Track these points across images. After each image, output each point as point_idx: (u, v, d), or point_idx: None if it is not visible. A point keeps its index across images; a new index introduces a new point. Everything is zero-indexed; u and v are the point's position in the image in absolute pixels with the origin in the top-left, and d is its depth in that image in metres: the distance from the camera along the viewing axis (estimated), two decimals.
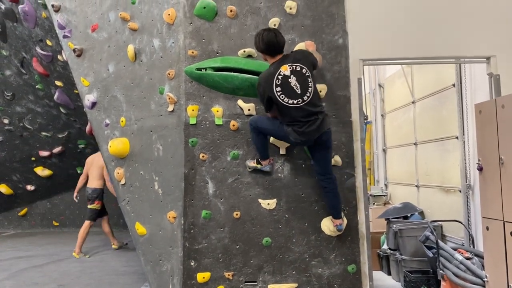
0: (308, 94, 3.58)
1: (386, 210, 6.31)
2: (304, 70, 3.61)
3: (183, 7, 4.08)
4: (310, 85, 3.61)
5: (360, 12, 4.22)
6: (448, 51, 4.32)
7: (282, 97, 3.57)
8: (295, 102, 3.57)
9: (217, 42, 4.10)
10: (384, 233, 6.06)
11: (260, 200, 4.02)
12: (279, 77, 3.58)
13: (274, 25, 4.08)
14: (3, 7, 6.61)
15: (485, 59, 4.32)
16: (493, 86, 4.21)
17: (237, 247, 4.00)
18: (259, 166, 3.95)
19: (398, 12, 4.30)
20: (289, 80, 3.57)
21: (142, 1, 4.37)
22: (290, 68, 3.60)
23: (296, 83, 3.57)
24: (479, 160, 3.94)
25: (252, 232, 4.00)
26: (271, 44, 3.63)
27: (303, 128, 3.59)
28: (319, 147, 3.74)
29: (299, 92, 3.57)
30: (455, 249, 4.47)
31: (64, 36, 5.08)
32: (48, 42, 6.65)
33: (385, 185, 8.30)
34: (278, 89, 3.57)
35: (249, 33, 4.05)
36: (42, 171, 8.35)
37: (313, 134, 3.61)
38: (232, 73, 3.99)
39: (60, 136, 7.97)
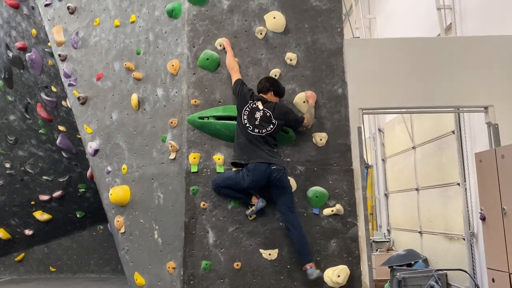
0: (262, 131, 3.89)
1: (389, 257, 6.21)
2: (273, 120, 3.92)
3: (187, 59, 4.19)
4: (268, 129, 3.90)
5: (359, 63, 4.33)
6: (447, 100, 4.40)
7: (245, 117, 3.92)
8: (250, 127, 3.89)
9: (219, 91, 4.18)
10: (388, 281, 5.93)
11: (261, 250, 3.97)
12: (253, 105, 3.94)
13: (275, 75, 4.18)
14: (11, 54, 6.79)
15: (483, 109, 4.39)
16: (492, 135, 4.25)
17: None
18: (253, 208, 3.95)
19: (396, 62, 4.42)
20: (257, 112, 3.93)
21: (147, 52, 4.50)
22: (263, 109, 3.93)
23: (259, 118, 3.91)
24: (481, 210, 3.92)
25: (253, 284, 3.91)
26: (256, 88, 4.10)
27: (256, 153, 3.84)
28: (272, 187, 3.90)
29: (256, 124, 3.90)
30: None
31: (70, 85, 5.19)
32: (53, 89, 6.78)
33: (388, 230, 8.20)
34: (247, 110, 3.93)
35: (251, 83, 4.13)
36: (41, 216, 8.27)
37: (260, 170, 3.79)
38: (233, 122, 4.04)
39: (61, 180, 7.95)
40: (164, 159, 4.23)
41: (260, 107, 3.93)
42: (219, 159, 4.07)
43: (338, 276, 3.90)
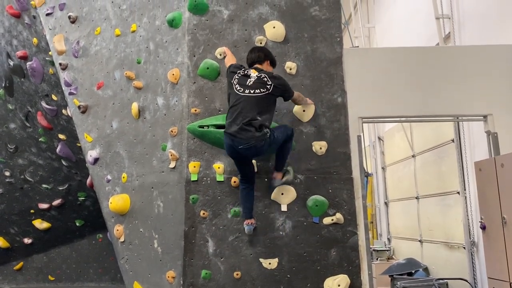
0: (252, 91, 3.69)
1: (390, 266, 6.19)
2: (269, 83, 3.73)
3: (187, 68, 4.22)
4: (262, 90, 3.70)
5: (358, 72, 4.35)
6: (446, 109, 4.41)
7: (235, 82, 3.78)
8: (240, 89, 3.72)
9: (219, 100, 4.20)
10: None
11: (261, 260, 3.95)
12: (244, 72, 3.82)
13: None
14: (11, 63, 6.82)
15: (482, 117, 4.40)
16: (492, 144, 4.26)
17: None
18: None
19: (396, 71, 4.44)
20: (248, 79, 3.76)
21: (148, 61, 4.52)
22: (258, 75, 3.77)
23: (251, 81, 3.74)
24: (481, 219, 3.92)
25: None
26: (247, 59, 3.99)
27: (231, 125, 3.65)
28: (243, 160, 3.80)
29: (247, 85, 3.72)
30: None
31: (70, 93, 5.21)
32: (54, 97, 6.79)
33: (388, 239, 8.17)
34: (237, 77, 3.79)
35: None
36: (40, 224, 8.24)
37: (226, 144, 3.69)
38: None
39: (60, 188, 7.94)
40: (164, 168, 4.24)
41: (253, 74, 3.77)
42: (219, 167, 4.08)
43: (339, 285, 3.89)
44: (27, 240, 8.43)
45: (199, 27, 4.27)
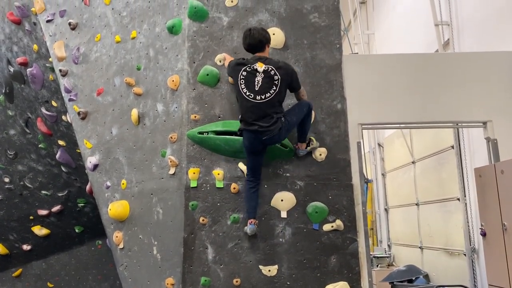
0: (262, 97, 3.68)
1: (390, 273, 6.17)
2: (276, 77, 3.71)
3: (187, 74, 4.22)
4: (271, 91, 3.69)
5: (358, 78, 4.36)
6: (445, 116, 4.42)
7: (243, 85, 3.74)
8: (251, 96, 3.70)
9: (219, 107, 4.20)
10: None
11: (261, 266, 3.94)
12: (249, 68, 3.74)
13: None
14: (12, 69, 6.84)
15: (481, 124, 4.40)
16: (491, 150, 4.26)
17: None
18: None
19: (395, 78, 4.46)
20: (256, 78, 3.71)
21: (147, 68, 4.53)
22: (265, 68, 3.72)
23: (259, 82, 3.70)
24: (482, 225, 3.91)
25: None
26: (244, 45, 3.91)
27: (251, 125, 3.67)
28: (262, 151, 3.83)
29: (256, 89, 3.69)
30: None
31: (70, 100, 5.22)
32: (54, 103, 6.80)
33: (388, 245, 8.15)
34: (242, 77, 3.74)
35: None
36: (39, 230, 8.21)
37: (250, 138, 3.71)
38: (233, 137, 4.04)
39: (60, 194, 7.91)
40: (164, 174, 4.23)
41: (260, 68, 3.70)
42: (218, 174, 4.07)
43: None
44: (26, 247, 8.40)
45: (199, 34, 4.29)
